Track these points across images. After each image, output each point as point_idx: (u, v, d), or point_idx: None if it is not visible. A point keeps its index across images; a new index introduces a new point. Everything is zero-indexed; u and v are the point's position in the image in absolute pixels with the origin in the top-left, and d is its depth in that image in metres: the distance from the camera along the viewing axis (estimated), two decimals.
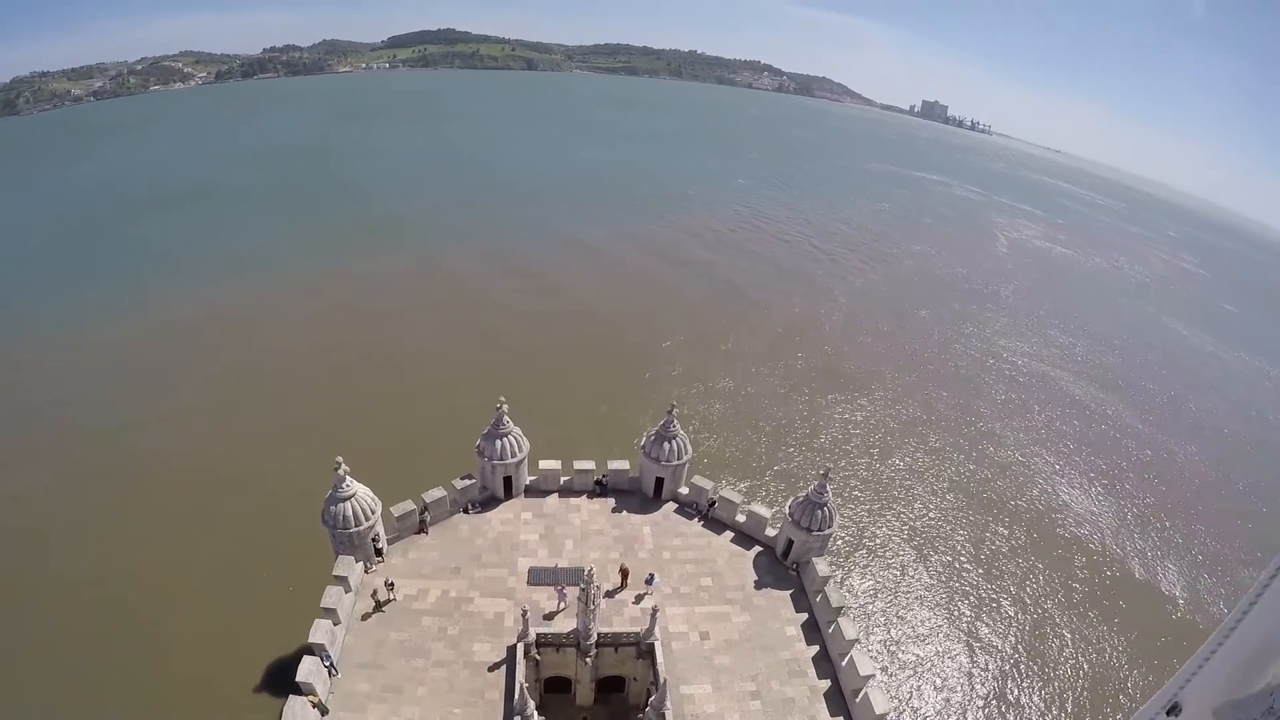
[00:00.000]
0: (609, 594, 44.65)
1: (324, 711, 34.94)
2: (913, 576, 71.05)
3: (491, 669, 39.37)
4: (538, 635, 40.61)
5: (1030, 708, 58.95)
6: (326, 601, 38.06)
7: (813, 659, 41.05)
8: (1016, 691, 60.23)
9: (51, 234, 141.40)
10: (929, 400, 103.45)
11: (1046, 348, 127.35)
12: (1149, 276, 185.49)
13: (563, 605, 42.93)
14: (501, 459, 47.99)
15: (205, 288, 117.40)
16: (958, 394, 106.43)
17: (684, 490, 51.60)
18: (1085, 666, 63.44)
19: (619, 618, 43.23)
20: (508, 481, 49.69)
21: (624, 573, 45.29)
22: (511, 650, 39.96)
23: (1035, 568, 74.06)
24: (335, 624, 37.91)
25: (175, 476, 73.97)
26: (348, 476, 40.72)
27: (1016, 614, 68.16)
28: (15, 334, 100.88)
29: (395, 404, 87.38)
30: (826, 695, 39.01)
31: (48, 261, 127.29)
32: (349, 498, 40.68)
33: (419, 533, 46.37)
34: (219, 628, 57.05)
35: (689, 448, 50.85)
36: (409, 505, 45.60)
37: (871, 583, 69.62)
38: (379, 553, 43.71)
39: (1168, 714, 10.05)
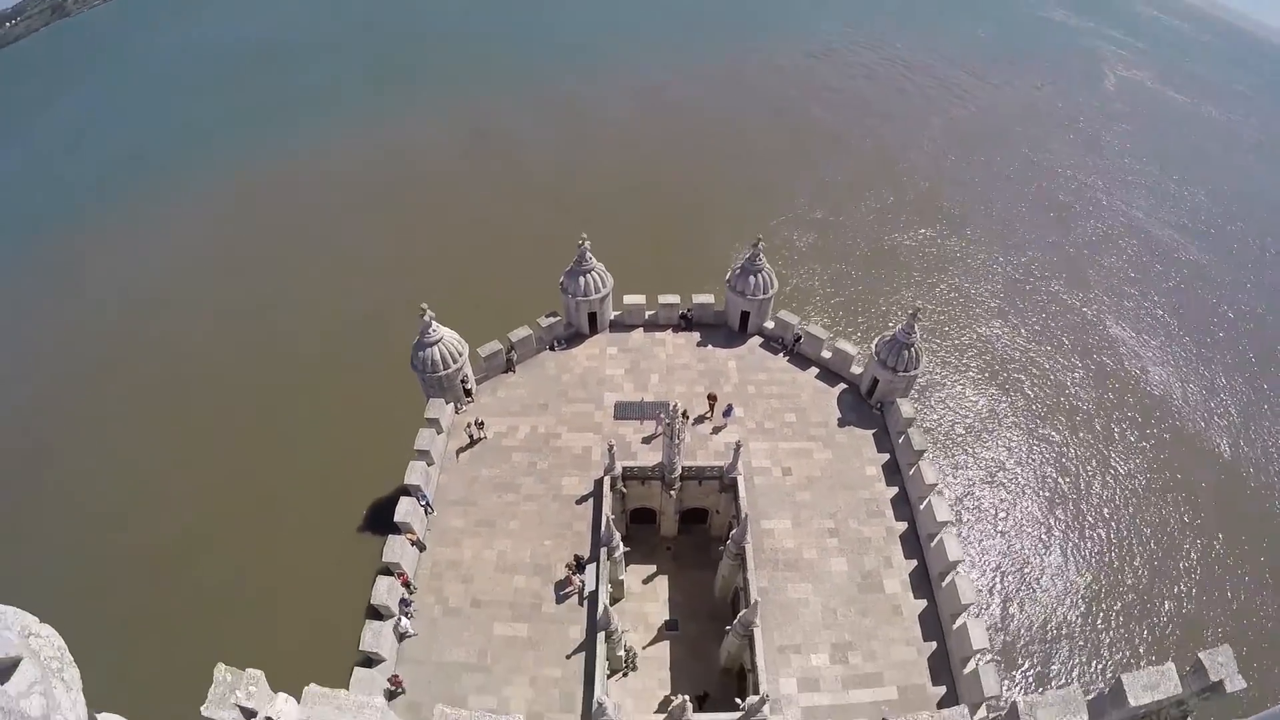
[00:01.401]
0: (697, 420, 45.73)
1: (422, 548, 37.66)
2: (1001, 427, 69.00)
3: (579, 502, 41.35)
4: (624, 469, 41.87)
5: (1111, 588, 57.53)
6: (420, 444, 40.13)
7: (891, 500, 41.41)
8: (1093, 561, 59.16)
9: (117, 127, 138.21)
10: (1026, 242, 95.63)
11: (1155, 201, 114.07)
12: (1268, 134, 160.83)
13: (658, 430, 43.71)
14: (585, 295, 48.05)
15: (260, 154, 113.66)
16: (1057, 240, 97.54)
17: (769, 324, 50.95)
18: (1193, 569, 59.64)
19: (703, 451, 44.23)
20: (592, 317, 49.98)
21: (712, 399, 46.03)
22: (599, 483, 41.59)
23: (1139, 443, 69.83)
24: (429, 465, 40.11)
25: (269, 332, 76.73)
26: (434, 322, 41.63)
27: (1110, 485, 65.25)
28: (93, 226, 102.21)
29: (476, 248, 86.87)
30: (902, 537, 39.64)
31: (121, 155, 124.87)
32: (436, 342, 41.78)
33: (506, 372, 47.63)
34: (320, 477, 60.47)
35: (775, 281, 49.64)
36: (496, 345, 46.48)
37: (956, 429, 68.07)
38: (468, 393, 45.32)
39: None
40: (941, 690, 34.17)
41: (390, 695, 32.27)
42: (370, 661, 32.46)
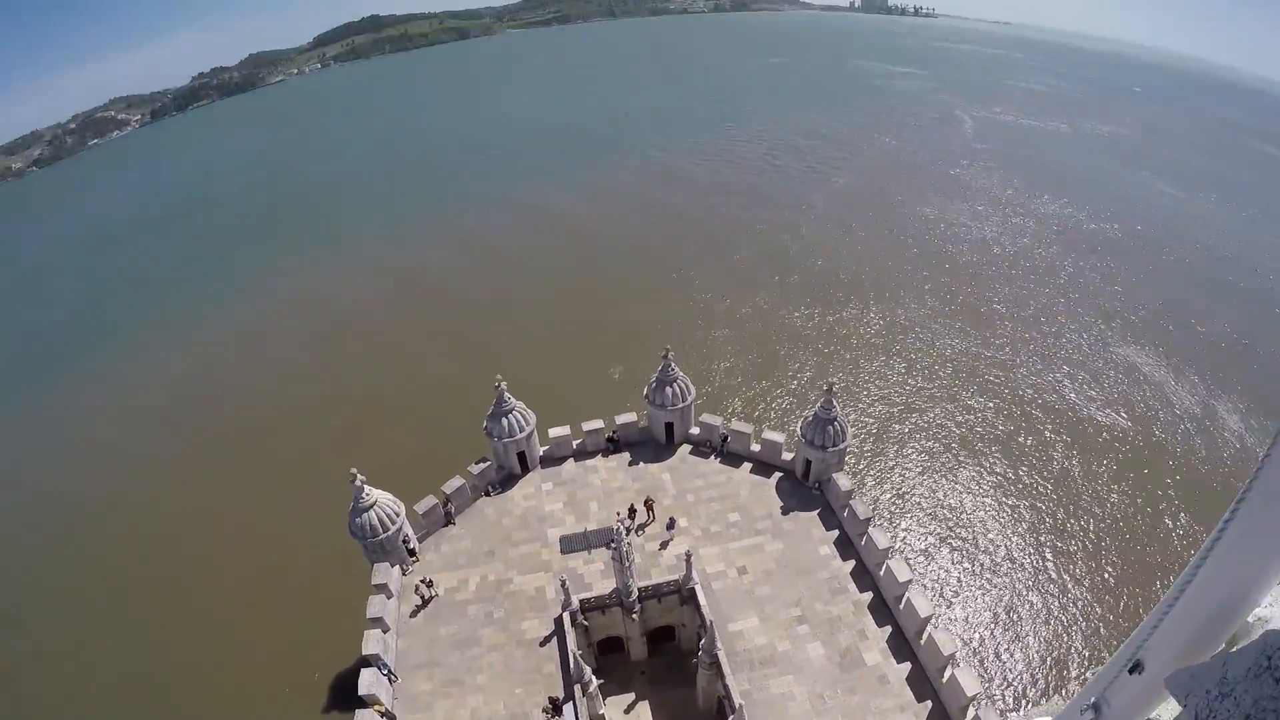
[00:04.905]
0: (639, 528, 46.09)
1: (392, 718, 35.67)
2: (937, 476, 71.43)
3: (543, 643, 40.10)
4: (581, 601, 41.08)
5: (1074, 595, 59.59)
6: (372, 611, 38.58)
7: (851, 574, 41.79)
8: (1057, 592, 60.81)
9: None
10: (921, 296, 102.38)
11: (1026, 221, 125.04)
12: (1117, 134, 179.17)
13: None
14: (510, 436, 48.09)
15: (161, 336, 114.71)
16: (950, 285, 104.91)
17: (695, 430, 51.88)
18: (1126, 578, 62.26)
19: (656, 569, 43.91)
20: (521, 456, 49.84)
21: (649, 505, 46.36)
22: (559, 621, 40.57)
23: (1059, 462, 73.56)
24: (385, 631, 38.49)
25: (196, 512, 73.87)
26: (365, 486, 40.90)
27: (1043, 513, 67.99)
28: None
29: (395, 410, 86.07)
30: (870, 607, 39.89)
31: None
32: (371, 506, 40.91)
33: (446, 525, 46.74)
34: (275, 659, 57.40)
35: (691, 388, 50.92)
36: (431, 500, 45.79)
37: (896, 488, 70.06)
38: (412, 553, 44.16)
39: (1130, 671, 9.40)
40: None
41: None
42: None
